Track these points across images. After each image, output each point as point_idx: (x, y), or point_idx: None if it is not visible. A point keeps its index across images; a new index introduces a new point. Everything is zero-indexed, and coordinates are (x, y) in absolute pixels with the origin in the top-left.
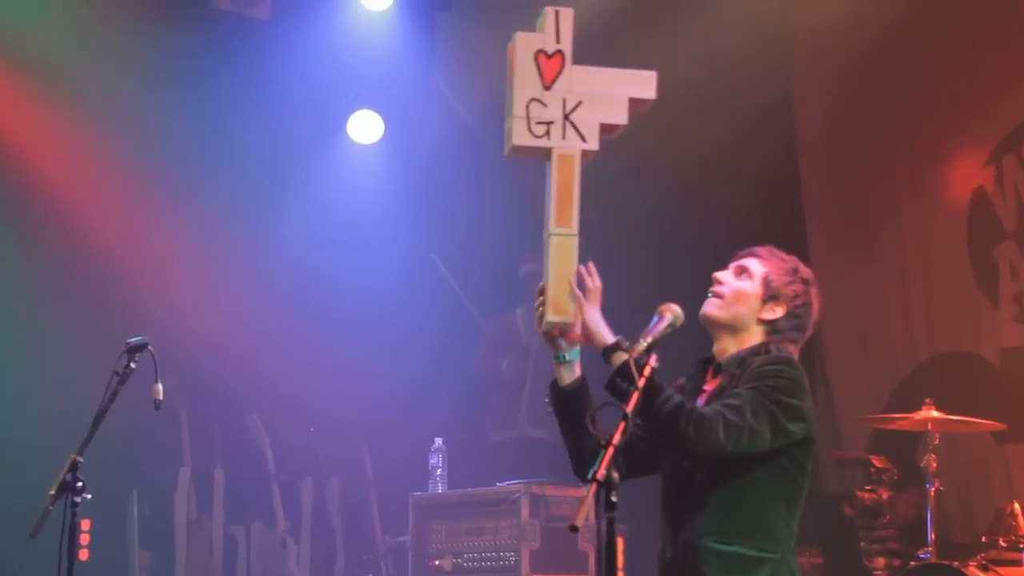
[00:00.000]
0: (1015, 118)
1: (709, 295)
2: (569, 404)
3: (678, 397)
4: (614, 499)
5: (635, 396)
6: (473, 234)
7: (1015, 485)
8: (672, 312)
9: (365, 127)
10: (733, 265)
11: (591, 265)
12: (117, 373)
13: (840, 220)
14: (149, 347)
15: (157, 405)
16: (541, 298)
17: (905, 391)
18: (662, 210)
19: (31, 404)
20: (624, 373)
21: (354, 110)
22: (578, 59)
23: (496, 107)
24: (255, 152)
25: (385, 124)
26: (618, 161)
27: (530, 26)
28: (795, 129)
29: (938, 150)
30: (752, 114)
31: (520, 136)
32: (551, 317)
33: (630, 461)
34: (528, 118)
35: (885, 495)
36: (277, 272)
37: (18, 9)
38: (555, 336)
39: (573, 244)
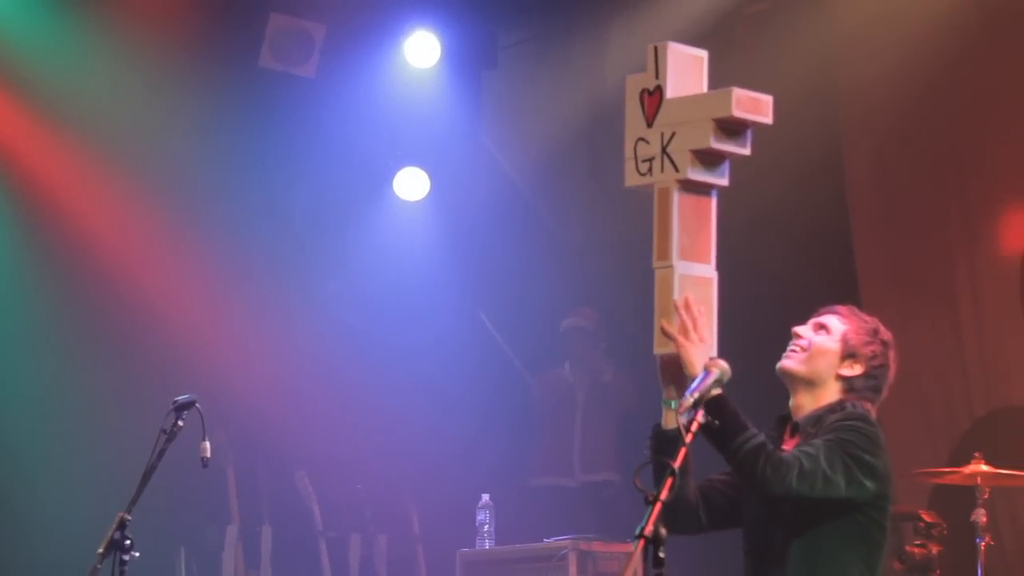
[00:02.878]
0: None
1: (789, 348)
2: (666, 449)
3: (762, 438)
4: (662, 555)
5: (682, 452)
6: (519, 290)
7: None
8: (719, 367)
9: (411, 184)
10: (812, 321)
11: (686, 299)
12: (165, 431)
13: (893, 274)
14: (197, 405)
15: (205, 463)
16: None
17: (964, 446)
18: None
19: (79, 463)
20: (712, 408)
21: (400, 167)
22: (614, 122)
23: (542, 163)
24: (301, 209)
25: (431, 181)
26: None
27: (574, 83)
28: (845, 183)
29: (991, 203)
30: (800, 168)
31: (630, 177)
32: (656, 349)
33: (712, 511)
34: (636, 158)
35: (935, 550)
36: (323, 328)
37: (66, 66)
38: (669, 378)
39: (671, 276)
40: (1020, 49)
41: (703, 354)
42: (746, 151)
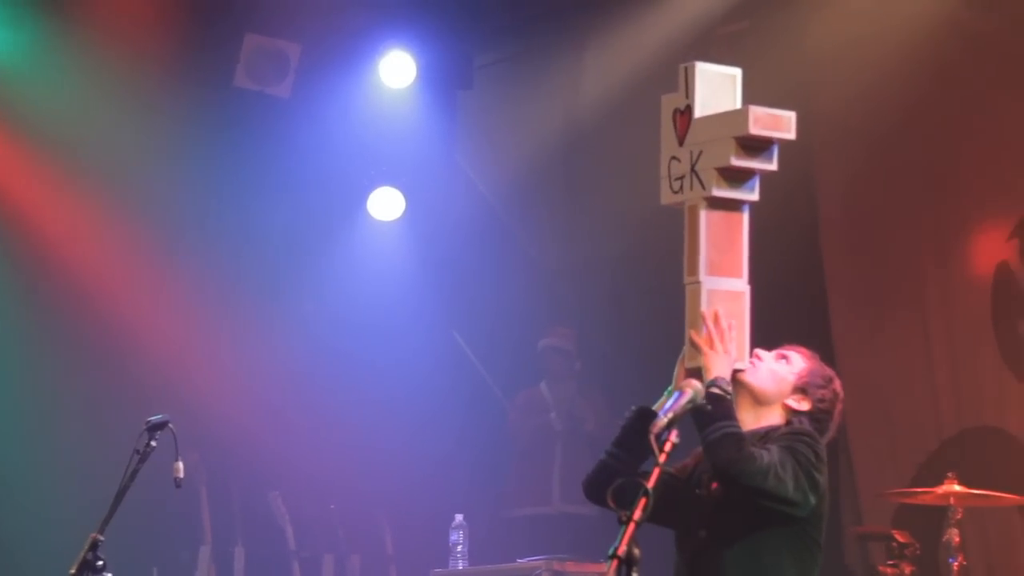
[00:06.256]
0: None
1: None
2: (643, 422)
3: (742, 431)
4: None
5: (656, 472)
6: (493, 310)
7: None
8: (693, 388)
9: (386, 204)
10: (776, 352)
11: (715, 312)
12: (138, 451)
13: (863, 295)
14: (170, 425)
15: (178, 483)
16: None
17: (931, 466)
18: (683, 295)
19: (52, 483)
20: (713, 398)
21: (375, 187)
22: (590, 143)
23: (517, 183)
24: (276, 229)
25: (406, 201)
26: (637, 242)
27: (549, 103)
28: (817, 203)
29: (961, 224)
30: (772, 188)
31: (665, 196)
32: (687, 363)
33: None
34: (669, 177)
35: (908, 570)
36: (298, 348)
37: (40, 86)
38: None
39: (699, 291)
40: (992, 71)
41: (726, 365)
42: (772, 167)
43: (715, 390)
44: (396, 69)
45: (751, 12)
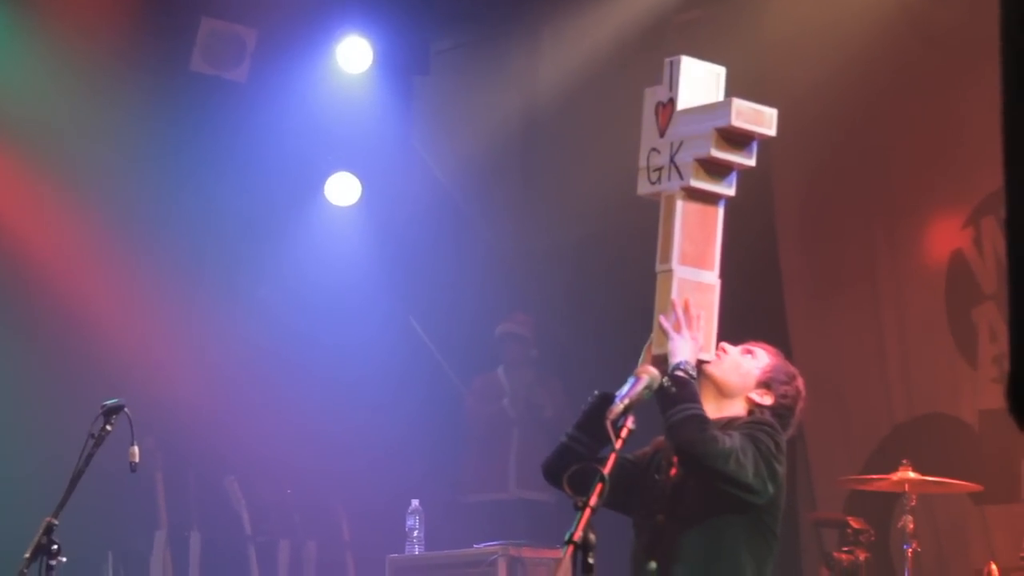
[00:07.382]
0: (994, 180)
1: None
2: (604, 407)
3: (705, 414)
4: (591, 561)
5: (612, 458)
6: (450, 296)
7: (993, 546)
8: (649, 374)
9: (342, 189)
10: (742, 346)
11: (686, 300)
12: (93, 435)
13: (817, 283)
14: (125, 409)
15: (133, 468)
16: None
17: (883, 453)
18: (640, 283)
19: (6, 466)
20: (678, 380)
21: (332, 172)
22: (547, 129)
23: (473, 169)
24: (233, 214)
25: (362, 186)
26: (595, 229)
27: (506, 89)
28: (771, 190)
29: (916, 212)
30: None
31: (642, 186)
32: (655, 349)
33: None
34: (648, 168)
35: (862, 556)
36: (254, 334)
37: None
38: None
39: (670, 279)
40: (947, 61)
41: (692, 350)
42: (751, 162)
43: (680, 373)
44: (353, 54)
45: (705, 0)
